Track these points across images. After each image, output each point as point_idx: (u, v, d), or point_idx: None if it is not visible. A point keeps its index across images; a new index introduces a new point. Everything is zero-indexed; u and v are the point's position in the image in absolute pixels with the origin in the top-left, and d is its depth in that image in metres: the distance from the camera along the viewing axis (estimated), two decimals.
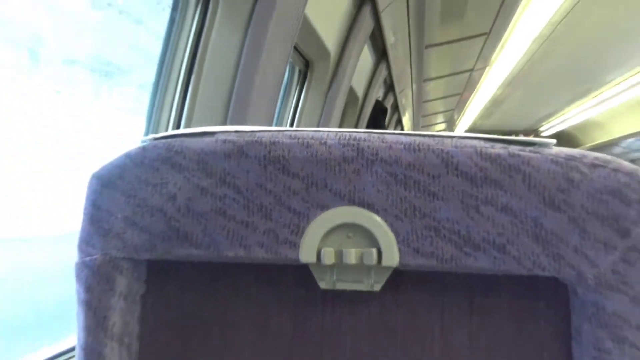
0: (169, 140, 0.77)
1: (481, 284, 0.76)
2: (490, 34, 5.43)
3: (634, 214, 0.70)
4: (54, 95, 1.47)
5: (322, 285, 0.77)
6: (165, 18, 1.73)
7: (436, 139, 0.74)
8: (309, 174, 0.74)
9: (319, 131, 0.75)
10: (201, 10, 1.72)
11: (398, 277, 0.76)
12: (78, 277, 0.80)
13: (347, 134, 0.74)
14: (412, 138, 0.74)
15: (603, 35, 6.19)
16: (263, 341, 0.79)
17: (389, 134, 0.74)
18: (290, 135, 0.75)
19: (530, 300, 0.76)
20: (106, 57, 1.56)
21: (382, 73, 4.78)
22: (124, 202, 0.77)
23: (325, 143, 0.74)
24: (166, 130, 1.69)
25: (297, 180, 0.74)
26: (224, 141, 0.75)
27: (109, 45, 1.57)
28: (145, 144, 0.77)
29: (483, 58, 6.66)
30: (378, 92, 5.41)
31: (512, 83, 8.73)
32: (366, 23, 3.20)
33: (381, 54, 4.62)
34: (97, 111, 1.56)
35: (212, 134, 0.77)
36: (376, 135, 0.74)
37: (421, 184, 0.73)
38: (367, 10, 3.09)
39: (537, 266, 0.72)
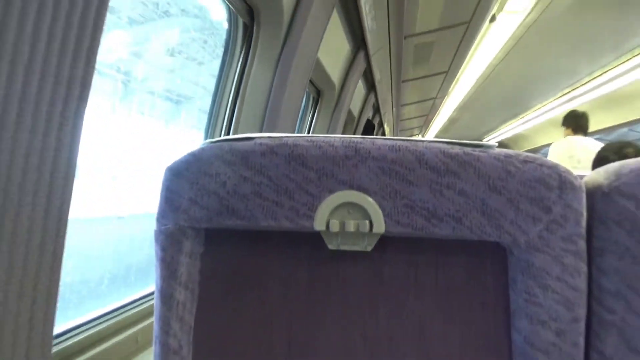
0: (221, 143, 0.77)
1: (444, 246, 0.76)
2: (448, 73, 5.42)
3: (554, 196, 0.71)
4: (139, 115, 1.47)
5: (330, 246, 0.77)
6: (219, 61, 1.73)
7: (411, 142, 0.75)
8: (321, 167, 0.75)
9: (328, 137, 0.76)
10: (244, 54, 1.72)
11: (384, 241, 0.76)
12: (156, 241, 0.80)
13: (348, 138, 0.75)
14: (394, 142, 0.75)
15: (527, 75, 6.21)
16: (287, 286, 0.79)
17: (377, 139, 0.76)
18: (307, 139, 0.76)
19: (479, 258, 0.76)
20: (177, 89, 1.55)
21: (372, 100, 4.78)
22: (188, 187, 0.78)
23: (332, 145, 0.75)
24: (220, 134, 1.69)
25: (312, 171, 0.75)
26: (260, 144, 0.76)
27: (179, 80, 1.57)
28: (204, 145, 0.78)
29: (443, 90, 6.66)
30: (368, 113, 5.41)
31: (463, 108, 8.75)
32: (360, 64, 3.19)
33: (371, 86, 4.61)
34: (170, 128, 1.56)
35: (252, 139, 0.78)
36: (369, 140, 0.76)
37: (400, 174, 0.73)
38: (361, 55, 3.08)
39: (484, 233, 0.72)
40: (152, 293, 1.44)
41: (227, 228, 0.79)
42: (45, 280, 0.67)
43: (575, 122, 3.58)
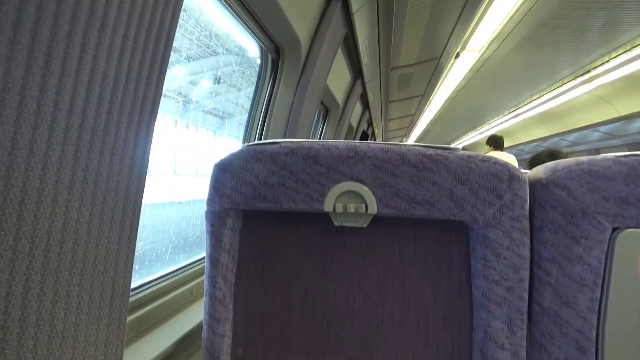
0: (255, 146, 0.78)
1: (420, 224, 0.76)
2: (423, 96, 5.40)
3: (505, 187, 0.70)
4: (194, 127, 1.47)
5: (336, 223, 0.77)
6: (253, 87, 1.73)
7: (396, 146, 0.76)
8: (329, 164, 0.75)
9: (334, 142, 0.76)
10: (272, 81, 1.72)
11: (376, 220, 0.76)
12: (207, 218, 0.80)
13: (350, 143, 0.76)
14: (384, 145, 0.76)
15: (482, 97, 6.18)
16: (303, 252, 0.80)
17: (371, 143, 0.77)
18: (319, 144, 0.76)
19: (447, 233, 0.75)
20: (221, 108, 1.56)
21: (367, 116, 4.77)
22: (231, 178, 0.78)
23: (337, 147, 0.75)
24: (254, 142, 1.70)
25: (323, 167, 0.75)
26: (284, 146, 0.77)
27: (223, 101, 1.57)
28: (242, 148, 0.79)
29: (419, 108, 6.64)
30: (364, 126, 5.41)
31: (435, 122, 8.70)
32: (358, 89, 3.18)
33: (366, 105, 4.60)
34: (217, 137, 1.56)
35: (277, 143, 0.78)
36: (365, 144, 0.77)
37: (389, 169, 0.73)
38: (359, 82, 3.07)
39: (451, 214, 0.72)
40: (202, 258, 1.45)
41: (259, 210, 0.79)
42: (124, 246, 0.67)
43: (495, 143, 4.00)
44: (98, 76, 0.54)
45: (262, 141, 0.80)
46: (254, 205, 0.78)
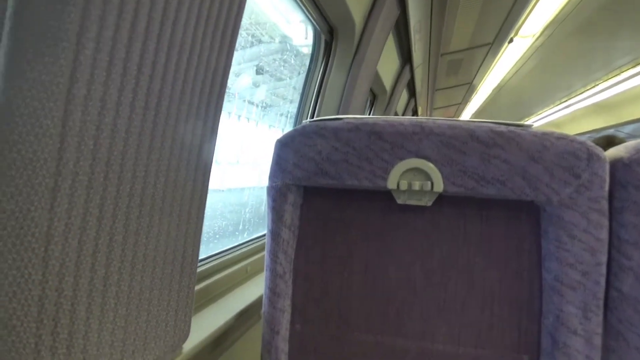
0: (317, 122, 0.77)
1: (487, 203, 0.74)
2: (471, 83, 5.25)
3: (583, 165, 0.67)
4: (236, 117, 1.51)
5: (399, 201, 0.75)
6: (296, 78, 1.74)
7: (464, 122, 0.73)
8: (393, 140, 0.73)
9: (399, 117, 0.75)
10: (324, 63, 1.71)
11: (440, 198, 0.74)
12: (268, 194, 0.81)
13: (415, 119, 0.75)
14: (451, 122, 0.74)
15: (531, 87, 5.92)
16: (364, 229, 0.78)
17: (438, 119, 0.74)
18: (383, 120, 0.75)
19: (516, 213, 0.73)
20: (264, 100, 1.57)
21: (412, 104, 4.69)
22: (293, 154, 0.77)
23: (402, 124, 0.73)
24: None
25: (387, 143, 0.73)
26: (347, 122, 0.75)
27: (266, 93, 1.58)
28: (305, 123, 0.78)
29: (466, 97, 6.46)
30: (409, 115, 5.33)
31: (481, 112, 8.46)
32: (406, 75, 3.12)
33: (412, 93, 4.52)
34: (258, 126, 1.59)
35: (341, 119, 0.77)
36: (431, 120, 0.74)
37: (456, 146, 0.71)
38: (407, 68, 3.02)
39: (523, 194, 0.69)
40: (256, 238, 1.47)
41: (320, 186, 0.79)
42: (194, 218, 0.69)
43: None
44: (176, 72, 0.57)
45: (324, 117, 0.79)
46: (315, 182, 0.78)
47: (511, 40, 3.38)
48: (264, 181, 0.84)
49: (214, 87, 0.67)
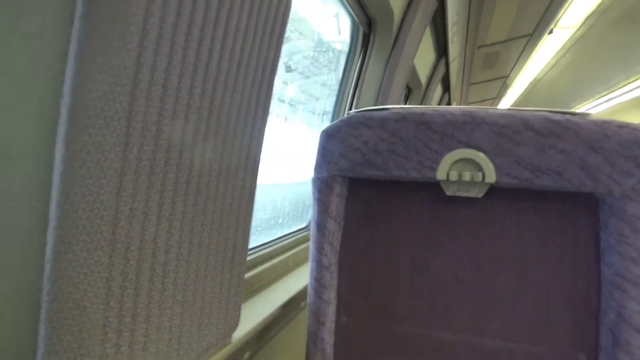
0: (363, 112, 0.76)
1: (542, 195, 0.71)
2: (508, 77, 5.11)
3: None
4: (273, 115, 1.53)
5: (447, 193, 0.74)
6: (326, 76, 1.74)
7: (518, 111, 0.71)
8: (443, 130, 0.72)
9: (448, 107, 0.73)
10: (362, 56, 1.69)
11: (491, 190, 0.72)
12: (314, 185, 0.80)
13: (466, 108, 0.73)
14: (504, 111, 0.72)
15: (569, 81, 5.71)
16: (411, 221, 0.77)
17: (489, 108, 0.72)
18: (432, 109, 0.74)
19: (573, 205, 0.70)
20: (291, 97, 1.57)
21: (446, 99, 4.62)
22: (338, 145, 0.77)
23: (452, 113, 0.72)
24: (342, 114, 1.70)
25: (436, 133, 0.72)
26: (394, 112, 0.74)
27: (294, 91, 1.58)
28: (350, 114, 0.78)
29: (501, 91, 6.31)
30: None
31: (515, 107, 8.24)
32: (441, 69, 3.08)
33: (446, 88, 4.44)
34: (287, 123, 1.60)
35: (387, 109, 0.76)
36: (482, 109, 0.73)
37: (509, 136, 0.69)
38: (442, 62, 2.97)
39: (582, 185, 0.66)
40: (296, 231, 1.48)
41: (366, 177, 0.78)
42: (244, 208, 0.69)
43: None
44: (230, 60, 0.57)
45: (370, 107, 0.79)
46: (361, 172, 0.77)
47: (551, 32, 3.28)
48: (292, 178, 0.84)
49: (265, 76, 0.67)
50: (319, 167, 0.80)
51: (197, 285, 0.59)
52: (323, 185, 0.80)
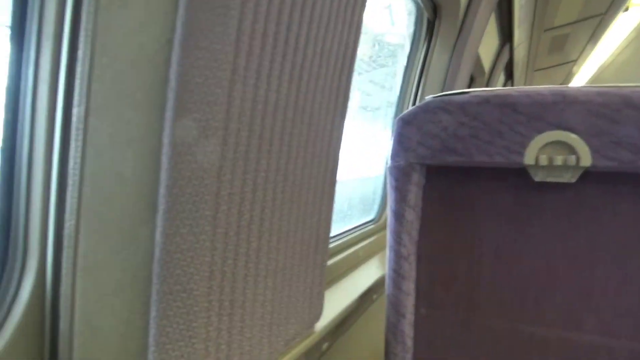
0: (442, 97, 0.74)
1: None
2: (576, 61, 4.83)
3: None
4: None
5: (536, 179, 0.70)
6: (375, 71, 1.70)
7: (617, 87, 0.65)
8: (530, 112, 0.67)
9: (535, 87, 0.70)
10: (427, 43, 1.65)
11: (585, 174, 0.67)
12: (390, 174, 0.79)
13: (555, 87, 0.68)
14: (600, 88, 0.66)
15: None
16: (494, 209, 0.74)
17: (582, 87, 0.67)
18: (516, 90, 0.70)
19: None
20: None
21: (508, 86, 4.43)
22: (416, 132, 0.75)
23: (540, 93, 0.68)
24: (407, 106, 1.67)
25: (522, 115, 0.68)
26: (475, 96, 0.71)
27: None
28: (428, 99, 0.76)
29: (568, 78, 5.98)
30: None
31: None
32: (505, 56, 2.96)
33: (509, 76, 4.28)
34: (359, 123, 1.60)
35: (467, 92, 0.73)
36: (574, 87, 0.68)
37: (607, 115, 0.64)
38: (506, 48, 2.85)
39: None
40: (365, 223, 1.47)
41: (445, 165, 0.76)
42: (326, 198, 0.69)
43: None
44: (315, 45, 0.57)
45: (448, 92, 0.76)
46: (442, 159, 0.75)
47: (627, 9, 3.06)
48: (349, 173, 0.83)
49: (345, 62, 0.66)
50: (395, 154, 0.78)
51: (284, 272, 0.59)
52: (400, 173, 0.78)
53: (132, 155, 0.40)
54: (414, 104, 1.66)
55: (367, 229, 1.39)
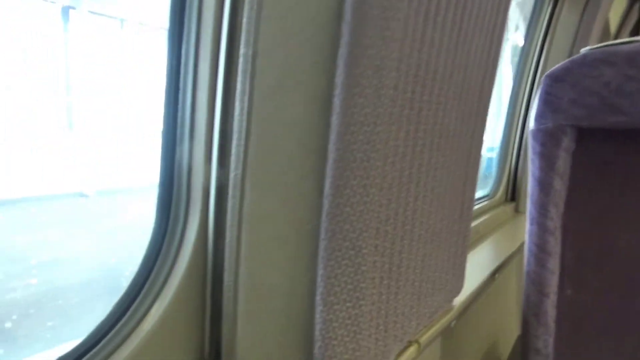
0: (603, 48, 0.65)
1: None
2: None
3: None
4: None
5: None
6: None
7: None
8: None
9: None
10: (552, 7, 1.49)
11: None
12: (534, 138, 0.71)
13: None
14: None
15: None
16: None
17: None
18: None
19: None
20: None
21: None
22: (569, 89, 0.66)
23: None
24: (527, 77, 1.52)
25: None
26: None
27: None
28: (584, 52, 0.67)
29: None
30: None
31: None
32: (633, 16, 2.65)
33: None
34: None
35: (635, 41, 0.63)
36: None
37: None
38: (636, 7, 2.56)
39: None
40: (479, 199, 1.39)
41: (602, 127, 0.67)
42: (471, 172, 0.64)
43: None
44: (466, 31, 0.51)
45: (612, 42, 0.66)
46: (601, 120, 0.66)
47: None
48: None
49: (492, 45, 0.59)
50: (540, 116, 0.70)
51: (433, 240, 0.54)
52: (547, 137, 0.70)
53: (300, 99, 0.37)
54: (535, 71, 1.51)
55: (481, 204, 1.31)
